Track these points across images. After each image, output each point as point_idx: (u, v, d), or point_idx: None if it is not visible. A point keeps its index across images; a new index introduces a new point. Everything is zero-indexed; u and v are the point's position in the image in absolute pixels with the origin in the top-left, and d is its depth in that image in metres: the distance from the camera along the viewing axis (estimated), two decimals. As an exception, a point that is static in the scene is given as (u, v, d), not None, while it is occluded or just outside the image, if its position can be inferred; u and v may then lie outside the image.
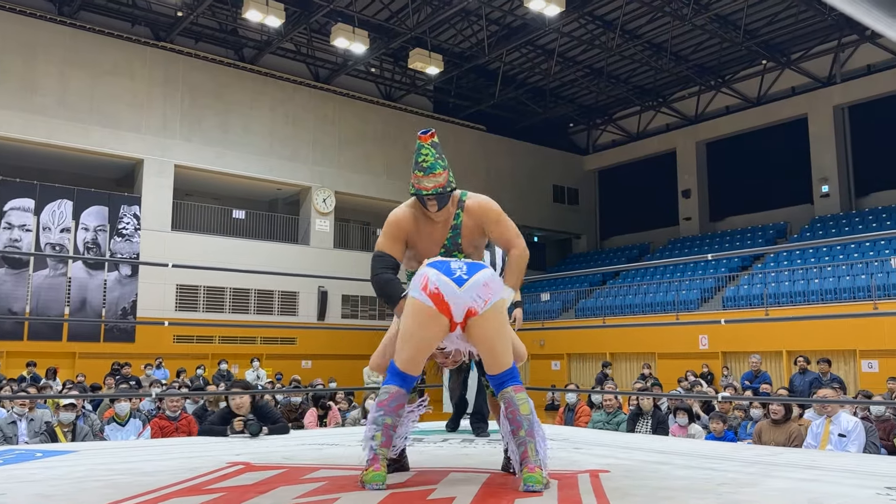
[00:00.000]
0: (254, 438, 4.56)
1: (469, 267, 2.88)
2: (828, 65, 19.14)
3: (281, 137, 18.55)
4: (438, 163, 2.99)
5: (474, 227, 3.09)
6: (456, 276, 2.82)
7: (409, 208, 3.12)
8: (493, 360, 2.87)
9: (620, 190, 24.73)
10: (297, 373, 14.76)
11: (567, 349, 18.03)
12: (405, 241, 3.11)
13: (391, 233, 3.11)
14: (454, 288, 2.79)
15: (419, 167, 3.00)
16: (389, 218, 3.15)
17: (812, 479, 3.03)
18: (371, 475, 2.74)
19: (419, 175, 2.99)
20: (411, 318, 2.85)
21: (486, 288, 2.82)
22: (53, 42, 15.65)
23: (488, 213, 3.09)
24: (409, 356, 2.86)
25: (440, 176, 2.98)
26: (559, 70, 19.76)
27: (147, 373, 12.70)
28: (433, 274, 2.84)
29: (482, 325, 2.83)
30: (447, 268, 2.86)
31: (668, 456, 3.83)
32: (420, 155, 3.02)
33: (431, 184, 2.98)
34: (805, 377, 10.06)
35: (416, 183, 3.01)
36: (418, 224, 3.09)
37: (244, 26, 17.12)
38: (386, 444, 2.81)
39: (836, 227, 17.42)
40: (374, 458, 2.77)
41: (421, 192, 3.00)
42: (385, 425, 2.81)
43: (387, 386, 2.89)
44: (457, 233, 3.09)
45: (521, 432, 2.78)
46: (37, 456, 3.77)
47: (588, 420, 8.05)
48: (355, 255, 19.40)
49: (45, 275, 14.79)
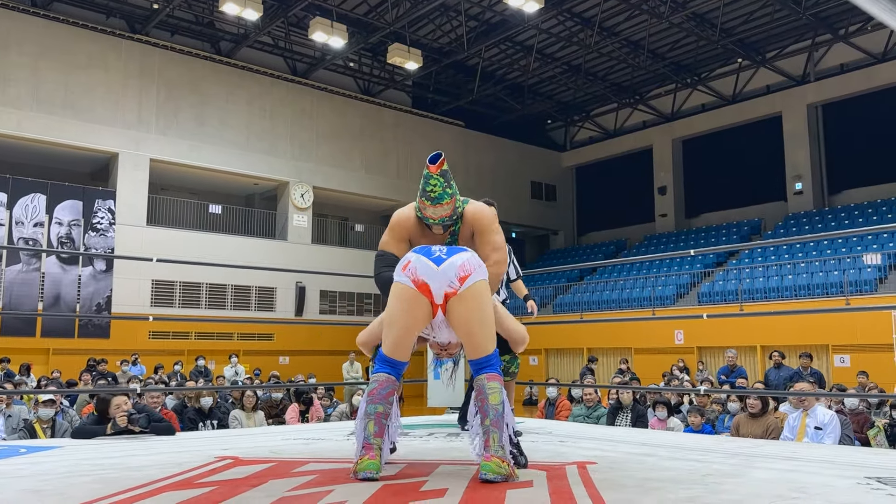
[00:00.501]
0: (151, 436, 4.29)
1: (449, 249, 2.91)
2: (802, 64, 19.44)
3: (258, 131, 18.41)
4: (446, 192, 3.03)
5: (469, 232, 3.17)
6: (434, 255, 2.86)
7: (413, 209, 3.19)
8: (470, 344, 2.86)
9: (598, 186, 24.92)
10: (274, 369, 14.70)
11: (545, 344, 18.16)
12: (408, 240, 3.17)
13: (395, 232, 3.17)
14: (432, 267, 2.82)
15: (427, 196, 3.04)
16: (394, 217, 3.20)
17: (793, 470, 3.10)
18: (365, 463, 2.74)
19: (426, 203, 3.04)
20: (394, 301, 2.88)
21: (463, 267, 2.83)
22: (26, 34, 15.39)
23: (476, 222, 3.15)
24: (394, 341, 2.88)
25: (447, 206, 3.04)
26: (538, 66, 19.84)
27: (123, 369, 12.56)
28: (413, 256, 2.89)
29: (460, 306, 2.82)
30: (427, 250, 2.90)
31: (652, 448, 3.88)
32: (428, 185, 3.04)
33: (437, 214, 3.05)
34: (780, 372, 10.24)
35: (422, 209, 3.06)
36: (421, 227, 3.17)
37: (221, 19, 16.96)
38: (379, 433, 2.81)
39: (809, 223, 17.71)
40: (367, 446, 2.78)
41: (427, 220, 3.08)
42: (377, 414, 2.82)
43: (376, 374, 2.91)
44: (454, 239, 3.18)
45: (487, 421, 2.77)
46: (21, 451, 3.73)
47: (569, 414, 8.12)
48: (333, 250, 19.35)
49: (18, 270, 14.57)
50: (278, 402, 8.35)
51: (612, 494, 2.51)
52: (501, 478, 2.68)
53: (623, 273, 19.64)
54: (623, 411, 7.32)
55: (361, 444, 2.81)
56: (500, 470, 2.69)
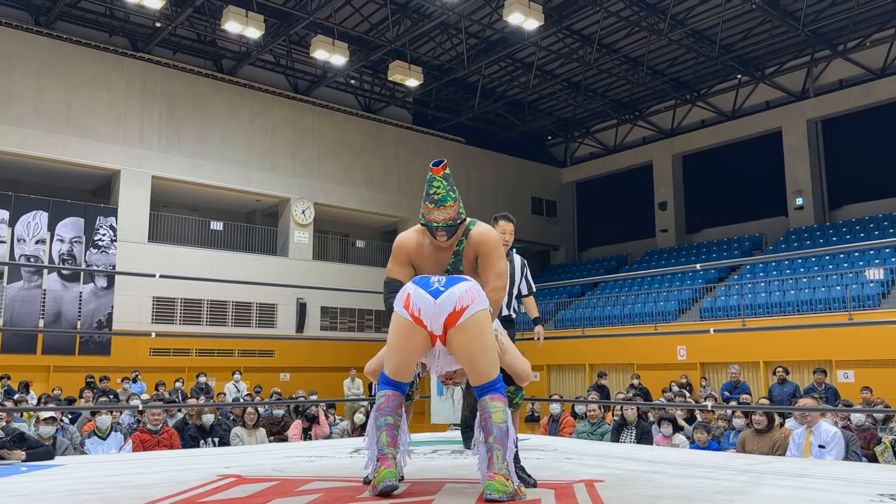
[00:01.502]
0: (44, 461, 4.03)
1: (448, 280, 2.91)
2: (801, 79, 19.50)
3: (259, 149, 18.45)
4: (450, 195, 3.05)
5: (473, 255, 3.15)
6: (433, 288, 2.86)
7: (416, 233, 3.19)
8: (473, 371, 2.87)
9: (598, 202, 24.93)
10: (275, 385, 14.63)
11: (546, 360, 18.07)
12: (410, 263, 3.16)
13: (396, 258, 3.18)
14: (430, 301, 2.83)
15: (430, 199, 3.05)
16: (395, 242, 3.22)
17: (804, 487, 3.06)
18: (384, 473, 2.75)
19: (430, 206, 3.04)
20: (394, 332, 2.91)
21: (461, 299, 2.83)
22: (30, 53, 15.46)
23: (481, 245, 3.13)
24: (395, 366, 2.92)
25: (451, 208, 3.04)
26: (537, 83, 19.92)
27: (124, 386, 12.50)
28: (412, 288, 2.90)
29: (460, 336, 2.84)
30: (426, 282, 2.90)
31: (659, 465, 3.85)
32: (431, 187, 3.06)
33: (442, 216, 3.04)
34: (784, 387, 10.19)
35: (426, 214, 3.06)
36: (422, 249, 3.16)
37: (223, 37, 17.05)
38: (392, 443, 2.84)
39: (810, 238, 17.69)
40: (382, 457, 2.80)
41: (431, 224, 3.06)
42: (388, 425, 2.85)
43: (381, 391, 2.95)
44: (458, 259, 3.15)
45: (490, 439, 2.77)
46: (21, 470, 3.69)
47: (572, 431, 8.06)
48: (334, 266, 19.32)
49: (20, 287, 14.53)
50: (280, 420, 8.29)
51: (622, 512, 2.48)
52: (507, 496, 2.65)
53: (625, 289, 19.60)
54: (627, 428, 7.27)
55: (376, 456, 2.82)
56: (505, 488, 2.66)
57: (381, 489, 2.73)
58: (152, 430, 6.48)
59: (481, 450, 2.84)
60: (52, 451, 4.42)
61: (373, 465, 2.82)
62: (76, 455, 6.07)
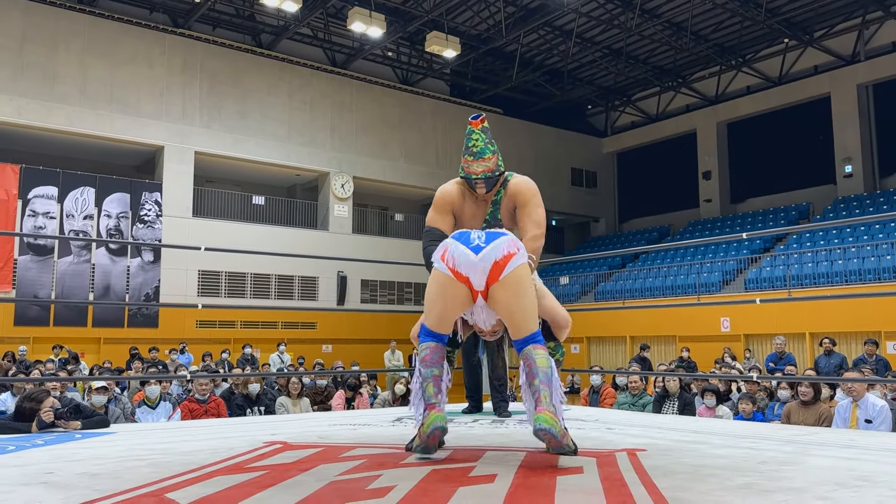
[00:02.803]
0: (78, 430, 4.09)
1: (488, 235, 2.89)
2: (851, 42, 18.84)
3: (299, 124, 18.57)
4: (488, 147, 3.06)
5: (511, 205, 3.15)
6: (473, 244, 2.84)
7: (457, 184, 3.21)
8: (513, 326, 2.88)
9: (640, 172, 24.56)
10: (318, 356, 14.86)
11: (587, 332, 18.01)
12: (452, 213, 3.19)
13: (438, 206, 3.20)
14: (471, 257, 2.81)
15: (469, 152, 3.06)
16: (437, 192, 3.24)
17: (853, 458, 3.00)
18: (433, 416, 2.77)
19: (469, 159, 3.06)
20: (434, 286, 2.92)
21: (503, 255, 2.81)
22: (74, 31, 15.72)
23: (518, 195, 3.13)
24: (435, 319, 2.93)
25: (489, 160, 3.05)
26: (577, 51, 19.60)
27: (172, 357, 12.82)
28: (451, 244, 2.88)
29: (501, 292, 2.83)
30: (466, 237, 2.88)
31: (703, 436, 3.81)
32: (470, 140, 3.09)
33: (481, 168, 3.05)
34: (830, 359, 9.99)
35: (465, 167, 3.07)
36: (464, 198, 3.18)
37: (261, 11, 17.11)
38: (438, 394, 2.87)
39: (860, 206, 17.21)
40: (430, 405, 2.82)
41: (470, 177, 3.07)
42: (434, 377, 2.88)
43: (424, 343, 2.96)
44: (496, 208, 3.17)
45: (536, 381, 2.77)
46: (76, 437, 3.82)
47: (613, 402, 8.04)
48: (374, 239, 19.44)
49: (70, 261, 14.95)
50: (323, 389, 8.43)
51: (665, 481, 2.47)
52: (557, 432, 2.65)
53: (667, 260, 19.35)
54: (670, 399, 7.22)
55: (423, 405, 2.84)
56: (554, 423, 2.66)
57: (430, 432, 2.75)
58: (200, 399, 6.64)
59: (526, 394, 2.84)
60: (107, 420, 4.55)
61: (419, 417, 2.84)
62: (127, 423, 6.26)
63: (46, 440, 3.66)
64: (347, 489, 2.34)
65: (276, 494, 2.26)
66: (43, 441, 3.63)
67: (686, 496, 2.24)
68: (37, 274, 14.58)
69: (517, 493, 2.28)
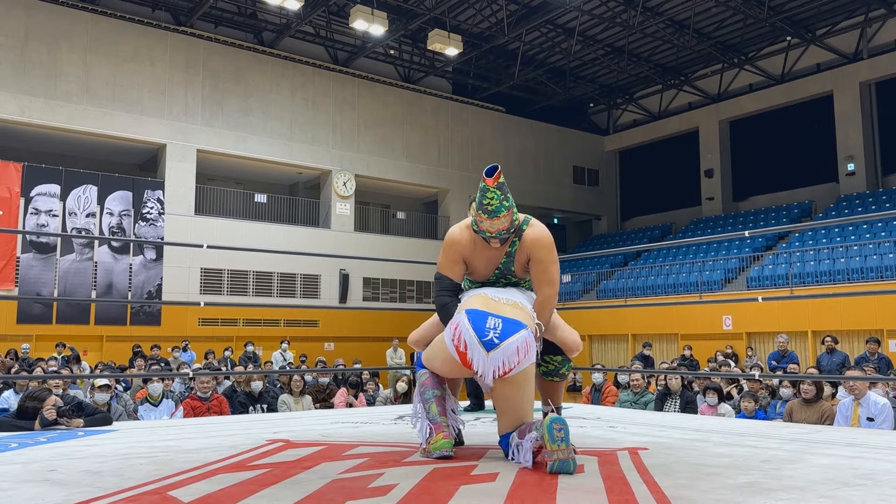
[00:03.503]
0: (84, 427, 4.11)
1: (504, 326, 2.80)
2: (854, 40, 18.80)
3: (301, 121, 18.57)
4: (503, 205, 2.94)
5: (525, 257, 3.10)
6: (488, 337, 2.77)
7: (468, 230, 3.12)
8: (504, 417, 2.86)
9: (642, 170, 24.53)
10: (320, 354, 14.88)
11: (589, 330, 17.99)
12: (462, 261, 3.12)
13: (449, 255, 3.12)
14: (482, 352, 2.76)
15: (484, 209, 2.95)
16: (447, 238, 3.15)
17: (856, 456, 3.00)
18: (440, 442, 2.83)
19: (483, 217, 2.96)
20: (440, 354, 2.93)
21: (516, 355, 2.75)
22: (76, 29, 15.73)
23: (535, 251, 3.06)
24: (436, 370, 3.04)
25: (504, 219, 2.95)
26: (579, 49, 19.57)
27: (174, 355, 12.84)
28: (465, 328, 2.81)
29: (504, 387, 2.82)
30: (481, 325, 2.79)
31: (705, 434, 3.81)
32: (485, 198, 2.95)
33: (495, 228, 2.96)
34: (833, 357, 9.99)
35: (479, 223, 2.99)
36: (475, 245, 3.10)
37: (263, 9, 17.10)
38: (443, 412, 2.93)
39: (862, 205, 17.18)
40: (437, 426, 2.89)
41: (485, 234, 3.00)
42: (437, 397, 2.95)
43: (422, 371, 3.06)
44: (511, 259, 3.11)
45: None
46: (79, 434, 3.83)
47: (615, 400, 8.05)
48: (376, 237, 19.44)
49: (72, 259, 14.98)
50: (325, 387, 8.44)
51: (667, 480, 2.47)
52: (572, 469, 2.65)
53: (669, 258, 19.34)
54: (671, 397, 7.23)
55: (428, 425, 2.91)
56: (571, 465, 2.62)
57: (436, 456, 2.83)
58: (202, 397, 6.65)
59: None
60: (109, 417, 4.56)
61: (425, 435, 2.92)
62: (130, 421, 6.27)
63: (49, 438, 3.67)
64: (350, 487, 2.34)
65: (278, 492, 2.26)
66: (45, 439, 3.64)
67: (688, 494, 2.24)
68: (39, 272, 14.60)
69: (519, 491, 2.29)
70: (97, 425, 4.22)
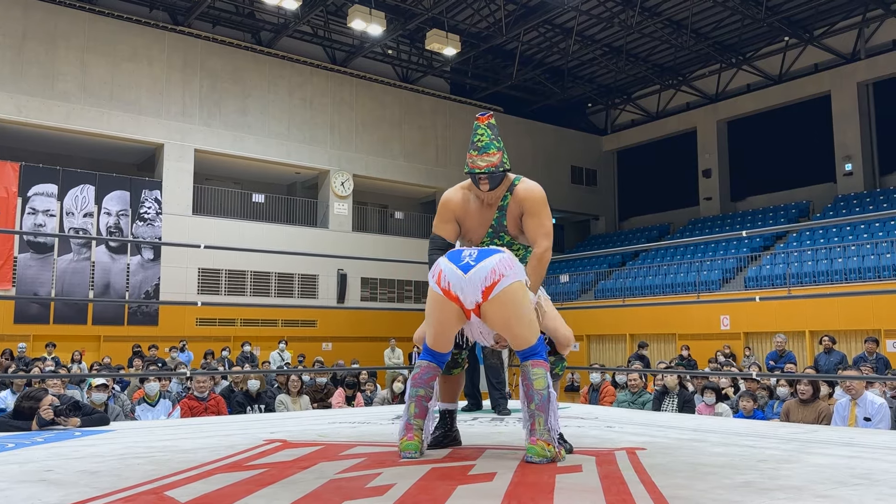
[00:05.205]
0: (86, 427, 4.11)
1: (479, 253, 2.90)
2: (852, 40, 18.82)
3: (299, 121, 18.55)
4: (493, 143, 3.06)
5: (518, 211, 3.12)
6: (463, 262, 2.87)
7: (461, 189, 3.19)
8: (512, 339, 2.93)
9: (640, 170, 24.54)
10: (318, 354, 14.87)
11: (587, 330, 18.01)
12: (455, 220, 3.17)
13: (441, 214, 3.19)
14: (460, 275, 2.85)
15: (474, 146, 3.06)
16: (441, 198, 3.21)
17: (853, 456, 3.01)
18: (404, 444, 2.87)
19: (474, 154, 3.05)
20: (429, 305, 2.98)
21: (493, 273, 2.83)
22: (74, 28, 15.70)
23: (526, 202, 3.09)
24: (432, 337, 3.01)
25: (494, 156, 3.03)
26: (577, 49, 19.57)
27: (172, 355, 12.82)
28: (443, 263, 2.92)
29: (493, 309, 2.87)
30: (457, 255, 2.92)
31: (702, 434, 3.82)
32: (476, 135, 3.08)
33: (484, 163, 3.03)
34: (830, 357, 9.99)
35: (470, 162, 3.07)
36: (467, 205, 3.16)
37: (261, 9, 17.09)
38: (420, 414, 2.93)
39: (860, 205, 17.20)
40: (407, 427, 2.91)
41: (474, 171, 3.06)
42: (418, 397, 2.94)
43: (420, 360, 3.04)
44: (502, 214, 3.13)
45: (532, 405, 2.82)
46: (76, 434, 3.82)
47: (613, 400, 8.05)
48: (374, 237, 19.43)
49: (70, 259, 14.95)
50: (323, 387, 8.44)
51: (665, 480, 2.47)
52: (546, 460, 2.70)
53: (667, 258, 19.35)
54: (669, 396, 7.23)
55: (403, 425, 2.93)
56: (545, 453, 2.72)
57: (402, 456, 2.86)
58: (200, 397, 6.64)
59: (524, 415, 2.87)
60: (106, 417, 4.56)
61: (399, 434, 2.95)
62: (127, 421, 6.26)
63: (46, 438, 3.67)
64: (347, 487, 2.34)
65: (275, 492, 2.26)
66: (42, 439, 3.63)
67: (685, 494, 2.24)
68: (37, 272, 14.58)
69: (516, 491, 2.29)
70: (94, 425, 4.21)
